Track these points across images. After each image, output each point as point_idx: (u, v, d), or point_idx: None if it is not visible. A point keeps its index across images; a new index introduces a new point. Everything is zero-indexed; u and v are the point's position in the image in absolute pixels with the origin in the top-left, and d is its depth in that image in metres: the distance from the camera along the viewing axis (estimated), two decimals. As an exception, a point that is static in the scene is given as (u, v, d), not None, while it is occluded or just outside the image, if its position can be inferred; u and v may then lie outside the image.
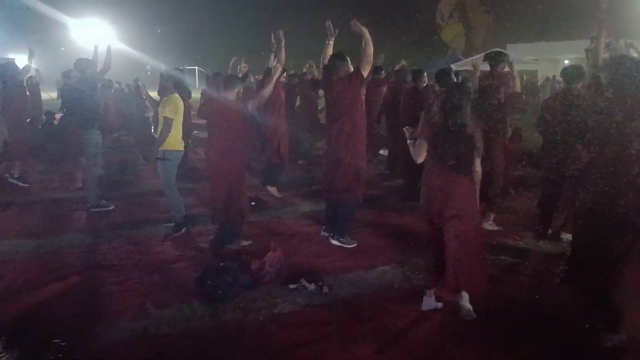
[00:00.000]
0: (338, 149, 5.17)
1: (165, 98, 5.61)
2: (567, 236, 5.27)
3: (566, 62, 28.49)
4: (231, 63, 8.58)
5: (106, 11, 33.28)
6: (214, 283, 3.91)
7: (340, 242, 5.28)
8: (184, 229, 5.69)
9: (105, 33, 27.18)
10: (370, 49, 4.95)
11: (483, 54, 6.57)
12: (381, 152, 10.15)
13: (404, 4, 40.56)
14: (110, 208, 6.66)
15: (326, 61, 5.36)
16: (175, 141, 5.57)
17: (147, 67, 13.38)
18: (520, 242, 5.35)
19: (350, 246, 5.23)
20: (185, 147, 5.81)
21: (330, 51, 5.45)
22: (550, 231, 5.42)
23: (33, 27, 34.87)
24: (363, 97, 5.29)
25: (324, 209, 5.68)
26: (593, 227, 3.48)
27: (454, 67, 25.93)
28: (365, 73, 5.01)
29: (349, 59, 5.21)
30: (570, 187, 5.12)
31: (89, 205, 6.63)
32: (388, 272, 4.56)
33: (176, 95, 5.64)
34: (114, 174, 8.75)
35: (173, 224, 5.73)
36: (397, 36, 37.42)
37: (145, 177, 8.71)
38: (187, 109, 7.40)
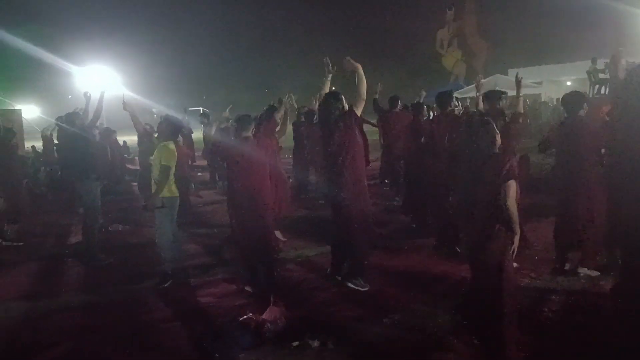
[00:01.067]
0: (340, 190, 4.99)
1: (161, 144, 5.50)
2: (585, 271, 4.99)
3: (568, 83, 28.59)
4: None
5: (110, 58, 33.85)
6: (212, 347, 3.64)
7: (354, 284, 5.05)
8: (169, 281, 5.45)
9: (110, 79, 27.62)
10: (364, 86, 4.88)
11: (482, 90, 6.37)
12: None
13: (403, 34, 41.09)
14: (108, 262, 6.44)
15: (322, 99, 5.23)
16: (172, 187, 5.46)
17: (154, 111, 13.34)
18: (537, 281, 5.04)
19: (364, 289, 4.99)
20: (188, 190, 5.68)
21: (327, 88, 5.33)
22: (568, 266, 5.12)
23: (40, 76, 35.56)
24: (361, 134, 5.17)
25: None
26: None
27: (456, 94, 26.15)
28: (358, 111, 4.94)
29: (343, 97, 5.05)
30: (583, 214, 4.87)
31: (86, 259, 6.42)
32: (399, 322, 4.27)
33: (171, 142, 5.52)
34: (115, 224, 8.57)
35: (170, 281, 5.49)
36: (396, 66, 37.74)
37: (146, 226, 8.52)
38: (185, 154, 7.21)
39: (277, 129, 6.75)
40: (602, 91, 14.06)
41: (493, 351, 3.45)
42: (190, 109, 25.87)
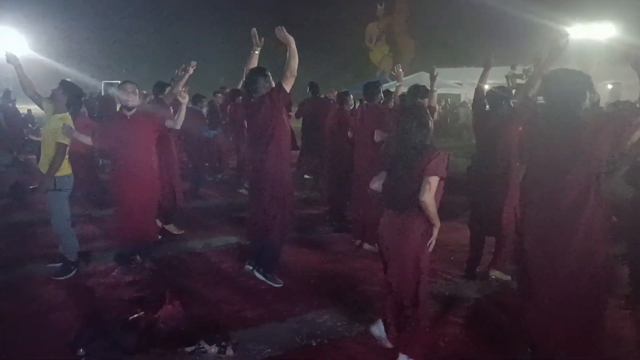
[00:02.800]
0: (261, 176, 4.60)
1: (56, 116, 4.78)
2: (496, 274, 4.96)
3: (486, 87, 29.69)
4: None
5: (20, 20, 30.81)
6: (87, 350, 3.13)
7: (266, 277, 4.70)
8: (74, 270, 4.83)
9: (14, 41, 25.11)
10: (296, 62, 4.41)
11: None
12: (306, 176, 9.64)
13: (333, 26, 40.96)
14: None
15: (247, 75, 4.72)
16: (66, 164, 4.80)
17: (69, 80, 11.99)
18: (449, 283, 4.93)
19: (276, 285, 4.65)
20: (96, 166, 5.02)
21: (254, 63, 4.80)
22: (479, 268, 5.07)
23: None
24: (288, 116, 4.77)
25: (244, 242, 5.04)
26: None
27: (385, 87, 26.41)
28: (288, 87, 4.44)
29: (270, 74, 4.59)
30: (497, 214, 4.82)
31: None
32: (306, 323, 3.96)
33: (67, 114, 4.84)
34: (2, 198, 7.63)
35: (60, 263, 4.85)
36: (325, 57, 37.60)
37: (38, 203, 7.64)
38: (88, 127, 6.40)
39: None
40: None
41: (405, 345, 3.26)
42: (107, 82, 24.17)
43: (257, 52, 4.81)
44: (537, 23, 21.52)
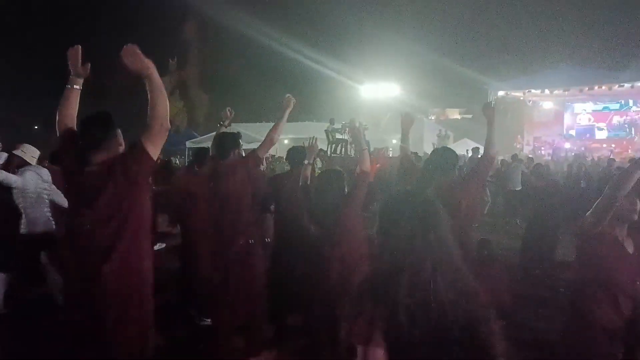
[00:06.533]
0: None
1: None
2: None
3: (285, 142, 30.40)
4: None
5: None
6: None
7: None
8: None
9: None
10: (165, 102, 2.63)
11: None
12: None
13: (124, 78, 38.37)
14: None
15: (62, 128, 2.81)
16: None
17: None
18: None
19: None
20: None
21: (74, 105, 2.86)
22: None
23: None
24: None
25: None
26: None
27: (188, 144, 24.95)
28: (154, 148, 2.64)
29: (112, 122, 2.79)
30: None
31: None
32: None
33: None
34: None
35: None
36: (118, 109, 34.77)
37: None
38: None
39: None
40: (339, 150, 14.95)
41: None
42: None
43: (77, 87, 2.87)
44: (334, 79, 23.09)
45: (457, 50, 28.87)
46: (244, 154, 4.44)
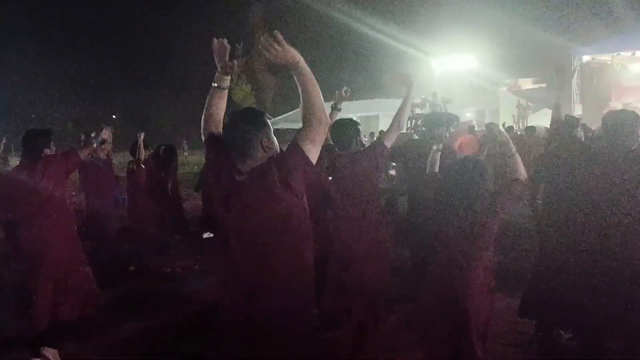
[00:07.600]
0: None
1: None
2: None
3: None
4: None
5: None
6: None
7: None
8: None
9: None
10: (318, 95, 2.31)
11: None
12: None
13: (192, 67, 39.44)
14: None
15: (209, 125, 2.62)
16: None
17: None
18: None
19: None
20: None
21: (222, 104, 2.63)
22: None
23: None
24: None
25: None
26: None
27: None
28: (312, 145, 2.33)
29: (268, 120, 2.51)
30: None
31: None
32: None
33: None
34: None
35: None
36: (187, 97, 35.80)
37: None
38: None
39: None
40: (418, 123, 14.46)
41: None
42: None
43: (222, 86, 2.60)
44: (403, 52, 22.27)
45: (533, 13, 26.97)
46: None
